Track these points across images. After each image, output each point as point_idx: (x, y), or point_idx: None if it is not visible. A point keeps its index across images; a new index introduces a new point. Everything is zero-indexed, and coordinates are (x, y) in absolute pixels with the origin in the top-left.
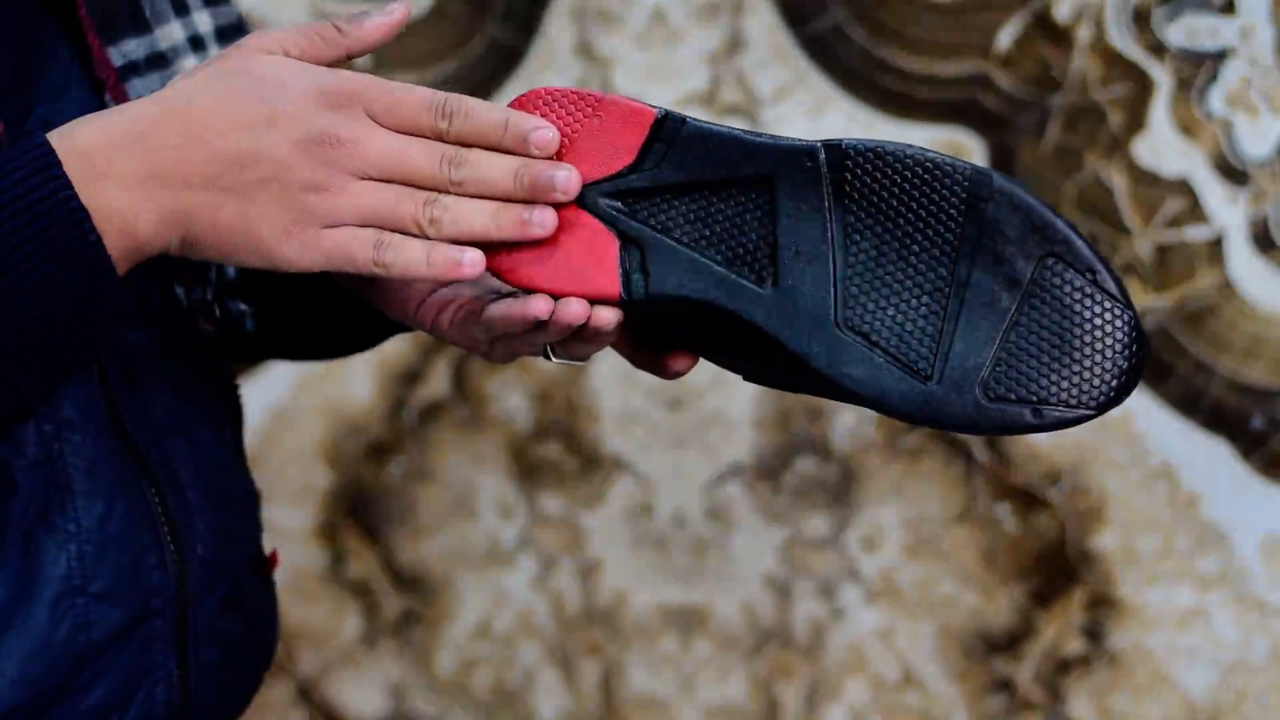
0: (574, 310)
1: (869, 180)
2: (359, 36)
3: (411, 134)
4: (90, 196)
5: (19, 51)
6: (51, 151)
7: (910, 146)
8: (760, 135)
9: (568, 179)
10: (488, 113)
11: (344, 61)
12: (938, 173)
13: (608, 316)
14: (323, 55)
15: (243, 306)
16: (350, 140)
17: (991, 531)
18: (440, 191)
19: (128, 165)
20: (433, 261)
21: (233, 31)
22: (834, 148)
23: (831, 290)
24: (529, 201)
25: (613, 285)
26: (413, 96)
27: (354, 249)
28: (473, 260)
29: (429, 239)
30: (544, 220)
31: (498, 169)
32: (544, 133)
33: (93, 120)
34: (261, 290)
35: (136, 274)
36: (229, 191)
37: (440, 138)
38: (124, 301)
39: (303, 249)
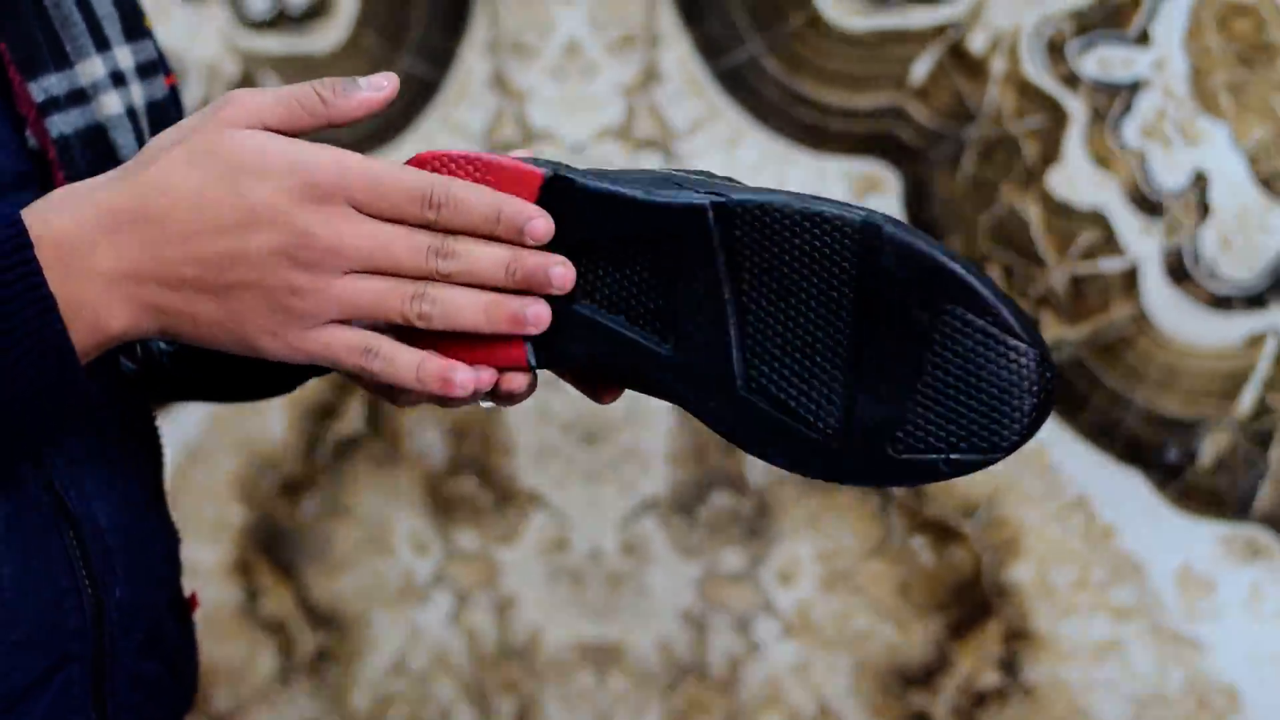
0: (484, 379)
1: (758, 237)
2: (343, 109)
3: (397, 222)
4: (61, 286)
5: None
6: (25, 233)
7: (799, 199)
8: (653, 194)
9: (563, 275)
10: (479, 203)
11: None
12: (826, 226)
13: (519, 381)
14: (302, 125)
15: (162, 345)
16: (332, 241)
17: (907, 564)
18: (429, 280)
19: (103, 261)
20: (422, 377)
21: (152, 68)
22: (721, 205)
23: (731, 351)
24: (519, 292)
25: (520, 354)
26: (399, 186)
27: (340, 354)
28: (464, 382)
29: (419, 334)
30: (539, 316)
31: (488, 260)
32: (540, 223)
33: (67, 206)
34: None
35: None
36: (208, 292)
37: (428, 227)
38: (87, 391)
39: (287, 347)
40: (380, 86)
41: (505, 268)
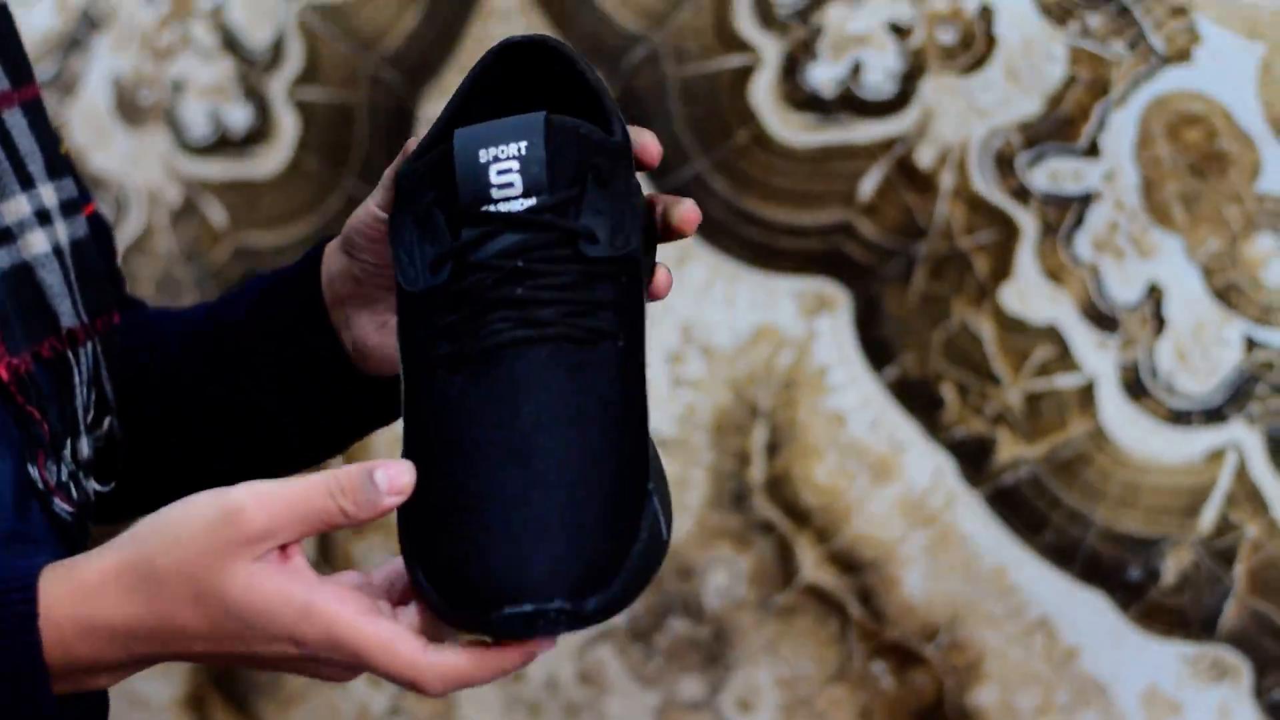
0: None
1: None
2: (365, 519)
3: None
4: (60, 667)
5: None
6: (35, 632)
7: None
8: None
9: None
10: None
11: None
12: None
13: None
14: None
15: (97, 486)
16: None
17: (868, 689)
18: None
19: (103, 679)
20: None
21: (74, 205)
22: None
23: None
24: None
25: None
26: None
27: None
28: None
29: None
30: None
31: None
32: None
33: (79, 615)
34: (123, 468)
35: None
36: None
37: None
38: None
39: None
40: (401, 489)
41: None
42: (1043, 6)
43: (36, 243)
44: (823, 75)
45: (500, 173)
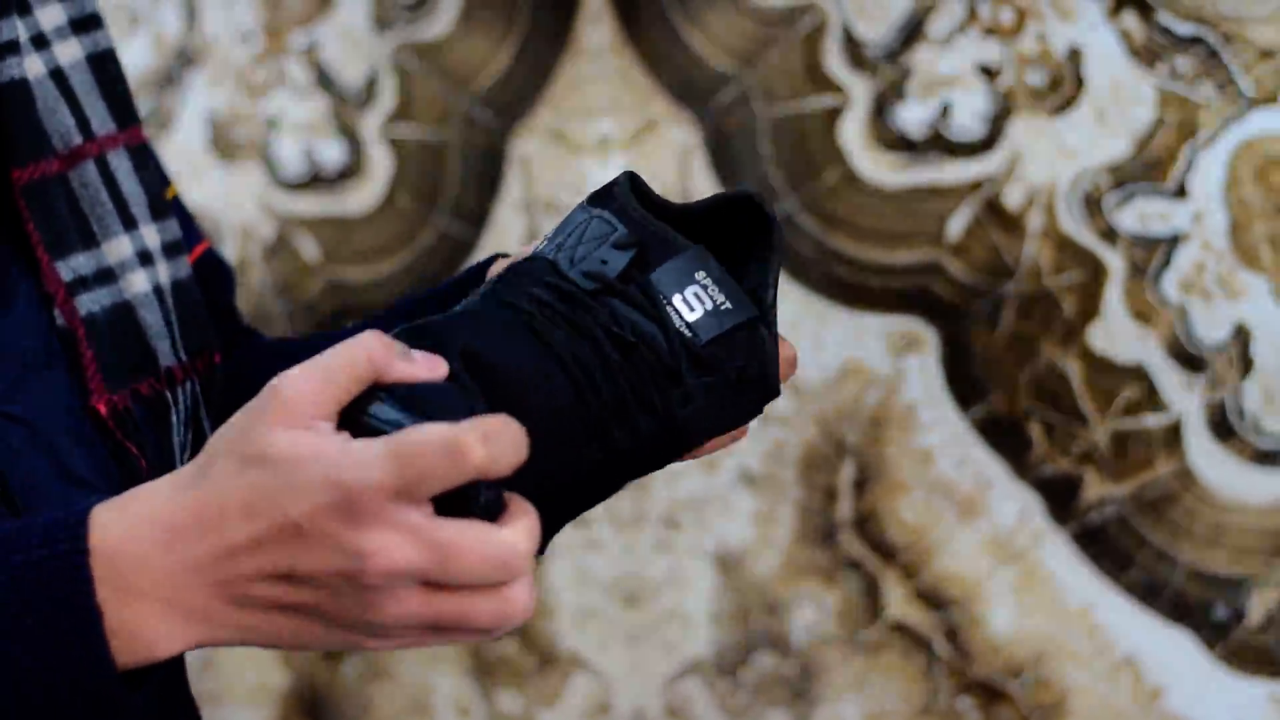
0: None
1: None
2: (390, 372)
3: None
4: (110, 602)
5: None
6: (83, 538)
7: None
8: None
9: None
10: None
11: None
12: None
13: None
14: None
15: None
16: (386, 565)
17: None
18: None
19: (159, 590)
20: (499, 624)
21: (176, 248)
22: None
23: None
24: None
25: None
26: (433, 471)
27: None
28: (527, 604)
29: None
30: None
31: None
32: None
33: (128, 515)
34: None
35: (79, 491)
36: (264, 622)
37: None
38: (130, 706)
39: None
40: (433, 368)
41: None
42: (1132, 49)
43: (137, 282)
44: (912, 116)
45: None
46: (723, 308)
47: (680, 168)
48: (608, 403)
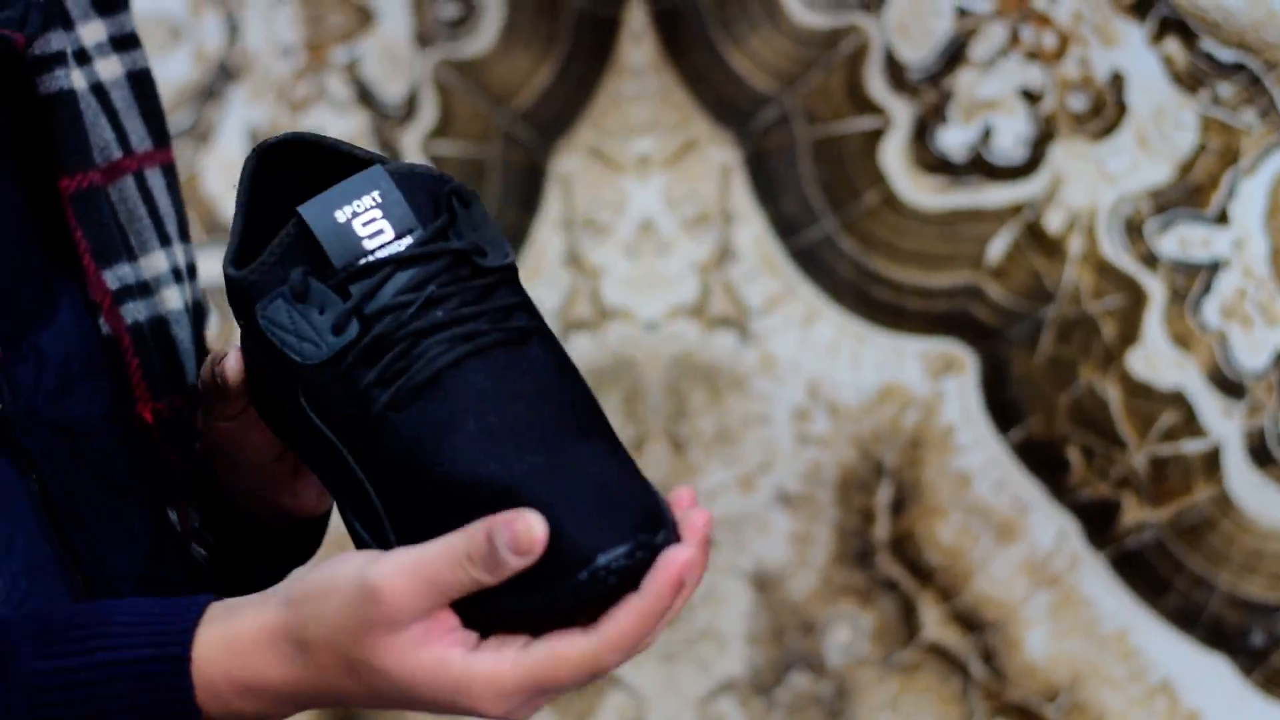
0: None
1: None
2: (498, 581)
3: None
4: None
5: (10, 274)
6: (188, 678)
7: None
8: None
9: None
10: None
11: None
12: None
13: None
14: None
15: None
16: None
17: None
18: None
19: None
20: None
21: (192, 271)
22: None
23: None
24: None
25: None
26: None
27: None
28: None
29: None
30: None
31: None
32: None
33: (233, 675)
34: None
35: (124, 500)
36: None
37: None
38: None
39: None
40: (527, 548)
41: None
42: (1174, 75)
43: (172, 299)
44: (953, 139)
45: (366, 224)
46: None
47: (720, 187)
48: None
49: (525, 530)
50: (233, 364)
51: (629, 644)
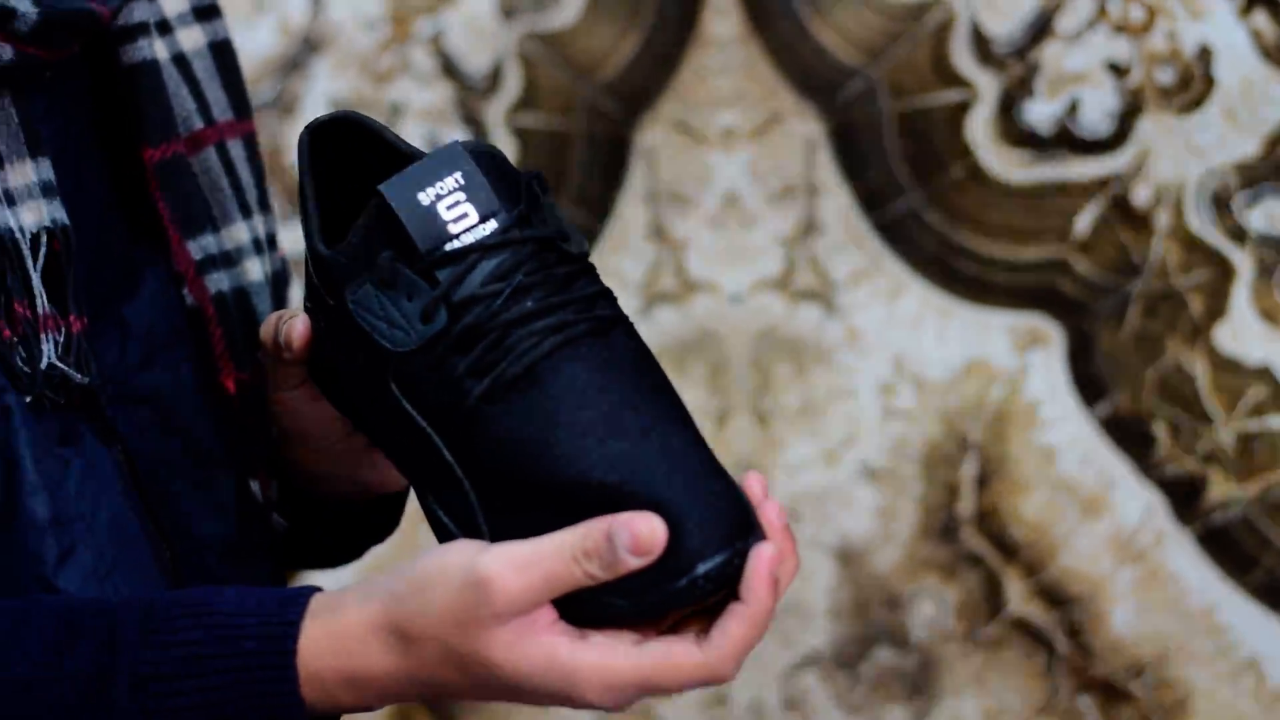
0: None
1: None
2: (610, 579)
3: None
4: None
5: (94, 246)
6: (294, 671)
7: None
8: None
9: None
10: None
11: None
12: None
13: None
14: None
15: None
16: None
17: None
18: None
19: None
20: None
21: (272, 241)
22: None
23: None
24: None
25: None
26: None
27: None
28: None
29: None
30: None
31: None
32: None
33: (339, 666)
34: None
35: (209, 470)
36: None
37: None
38: None
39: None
40: (647, 549)
41: None
42: (1262, 48)
43: (253, 270)
44: (1040, 112)
45: (450, 207)
46: None
47: (805, 161)
48: None
49: (648, 533)
50: (300, 329)
51: (741, 652)
